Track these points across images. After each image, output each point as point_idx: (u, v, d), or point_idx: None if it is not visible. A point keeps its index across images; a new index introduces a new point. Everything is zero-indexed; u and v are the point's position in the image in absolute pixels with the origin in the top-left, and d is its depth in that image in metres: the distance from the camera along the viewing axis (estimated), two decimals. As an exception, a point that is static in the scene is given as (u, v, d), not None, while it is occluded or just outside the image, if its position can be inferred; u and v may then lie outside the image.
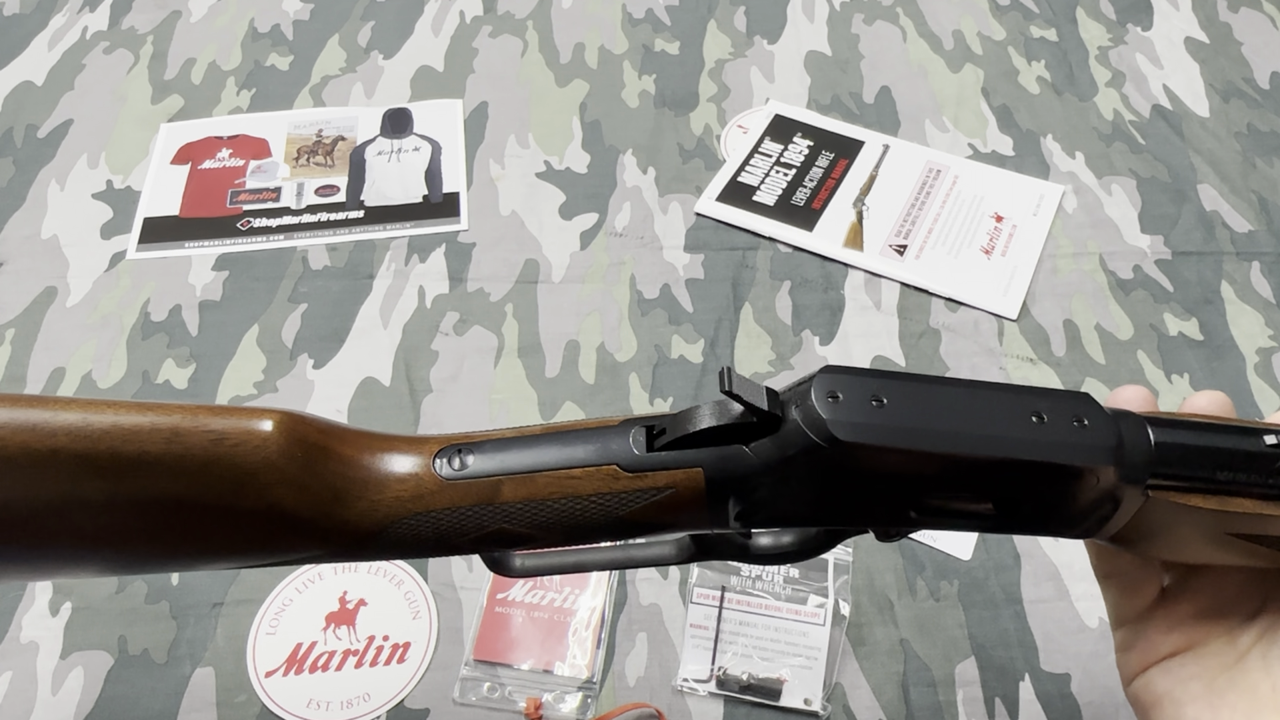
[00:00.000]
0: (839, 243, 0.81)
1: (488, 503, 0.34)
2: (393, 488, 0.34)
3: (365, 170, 0.87)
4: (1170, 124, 0.90)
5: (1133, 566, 0.39)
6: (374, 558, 0.35)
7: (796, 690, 0.58)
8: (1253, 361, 0.74)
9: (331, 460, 0.33)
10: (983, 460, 0.32)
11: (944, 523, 0.35)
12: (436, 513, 0.34)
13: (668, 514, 0.35)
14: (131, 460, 0.31)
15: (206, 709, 0.58)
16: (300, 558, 0.34)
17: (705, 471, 0.34)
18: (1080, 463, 0.32)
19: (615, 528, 0.35)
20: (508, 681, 0.58)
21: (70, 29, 0.99)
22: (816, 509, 0.35)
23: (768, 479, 0.33)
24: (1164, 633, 0.38)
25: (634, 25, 0.99)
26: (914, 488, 0.34)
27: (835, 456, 0.32)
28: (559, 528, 0.35)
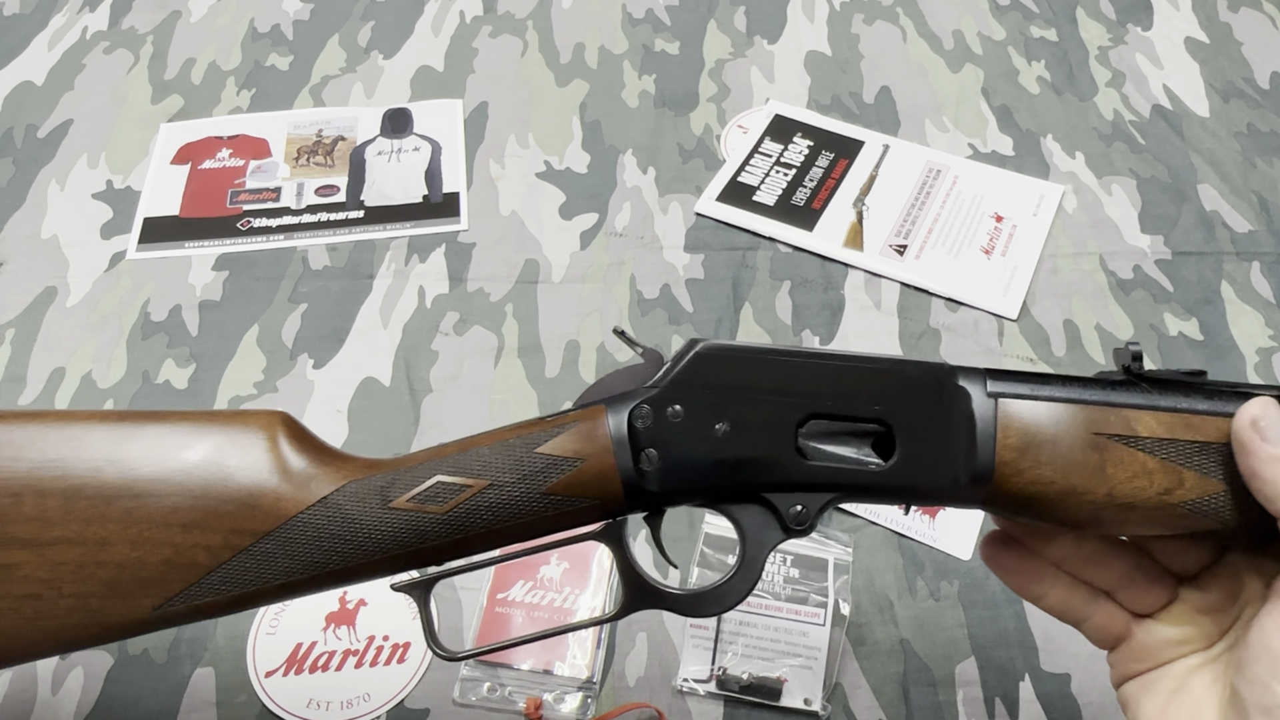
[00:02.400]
0: (839, 243, 0.81)
1: (403, 469, 0.39)
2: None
3: (365, 170, 0.87)
4: (1170, 124, 0.90)
5: (1089, 610, 0.42)
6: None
7: (796, 690, 0.58)
8: (1253, 361, 0.74)
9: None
10: (844, 370, 0.38)
11: (834, 462, 0.38)
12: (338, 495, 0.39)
13: (577, 456, 0.38)
14: None
15: (206, 709, 0.58)
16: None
17: (606, 407, 0.39)
18: (928, 368, 0.38)
19: (534, 502, 0.38)
20: (508, 681, 0.58)
21: (70, 29, 0.99)
22: (710, 452, 0.38)
23: (656, 404, 0.38)
24: (1135, 659, 0.41)
25: (634, 25, 0.99)
26: (791, 406, 0.38)
27: (705, 362, 0.38)
28: (477, 512, 0.38)
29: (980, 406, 0.38)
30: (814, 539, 0.62)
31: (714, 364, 0.38)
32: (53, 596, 0.39)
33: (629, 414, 0.38)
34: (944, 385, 0.38)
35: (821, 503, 0.39)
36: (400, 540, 0.39)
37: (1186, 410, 0.37)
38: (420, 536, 0.39)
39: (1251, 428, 0.35)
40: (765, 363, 0.38)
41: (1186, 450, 0.37)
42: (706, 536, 0.61)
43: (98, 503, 0.39)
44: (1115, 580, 0.42)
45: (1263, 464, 0.35)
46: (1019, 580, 0.43)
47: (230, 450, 0.40)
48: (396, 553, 0.39)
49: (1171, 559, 0.42)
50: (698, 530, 0.62)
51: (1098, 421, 0.37)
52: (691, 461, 0.38)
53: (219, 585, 0.39)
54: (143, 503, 0.39)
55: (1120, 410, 0.37)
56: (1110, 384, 0.38)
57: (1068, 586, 0.43)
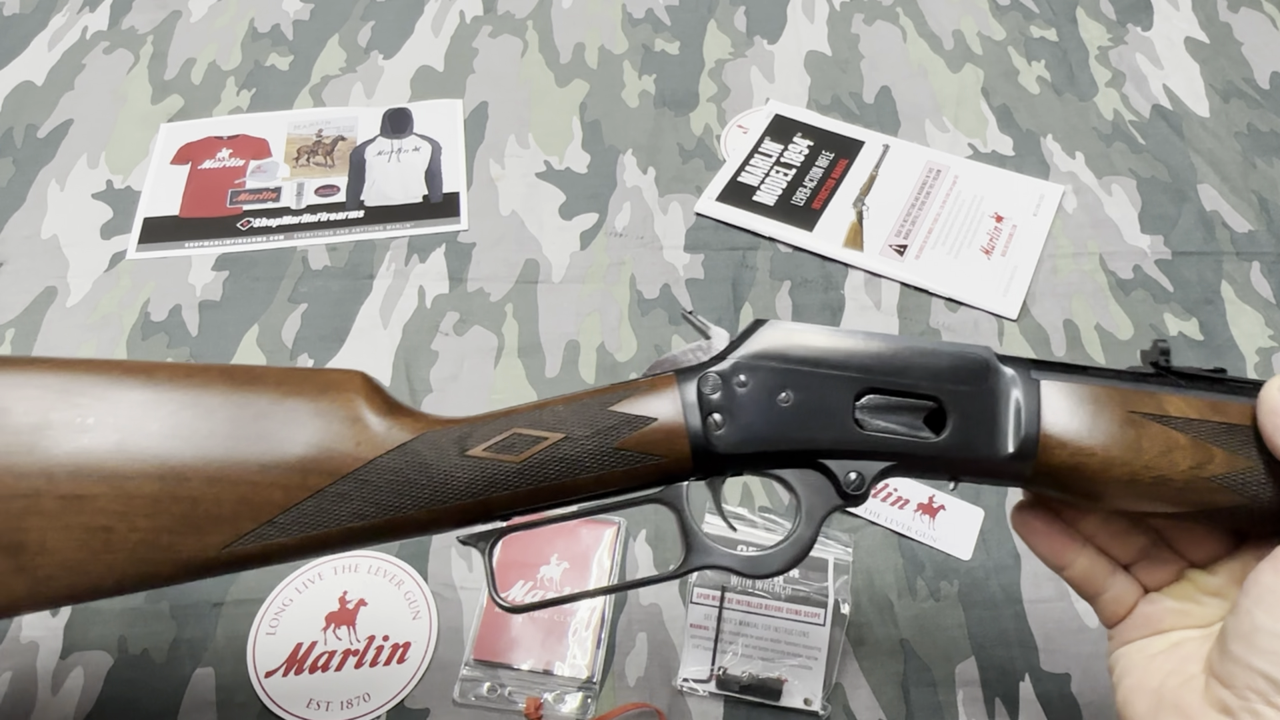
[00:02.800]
0: (839, 243, 0.81)
1: (478, 425, 0.41)
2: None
3: (365, 170, 0.87)
4: (1170, 124, 0.90)
5: (1108, 583, 0.45)
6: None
7: (796, 690, 0.58)
8: (1253, 361, 0.74)
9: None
10: (899, 350, 0.41)
11: (890, 433, 0.40)
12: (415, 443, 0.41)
13: (649, 415, 0.40)
14: None
15: (206, 709, 0.58)
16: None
17: (677, 375, 0.41)
18: (974, 351, 0.41)
19: (605, 457, 0.40)
20: (508, 681, 0.58)
21: (70, 29, 0.99)
22: (774, 419, 0.40)
23: (725, 375, 0.41)
24: (1135, 627, 0.44)
25: (634, 25, 0.99)
26: (850, 380, 0.41)
27: (771, 338, 0.41)
28: (550, 464, 0.40)
29: (1025, 386, 0.41)
30: (814, 539, 0.62)
31: (778, 340, 0.41)
32: (124, 530, 0.39)
33: (699, 381, 0.41)
34: (990, 366, 0.41)
35: (876, 471, 0.41)
36: (473, 488, 0.40)
37: (1208, 394, 0.41)
38: (493, 485, 0.41)
39: (1277, 394, 0.39)
40: (827, 339, 0.41)
41: (1214, 430, 0.40)
42: (707, 536, 0.61)
43: (177, 442, 0.40)
44: (1134, 554, 0.45)
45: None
46: (1049, 546, 0.45)
47: (314, 397, 0.41)
48: (468, 500, 0.41)
49: (1188, 548, 0.45)
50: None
51: (1132, 401, 0.40)
52: (756, 427, 0.41)
53: (290, 526, 0.40)
54: (222, 443, 0.40)
55: (1153, 393, 0.41)
56: (1141, 375, 0.42)
57: (1092, 558, 0.45)
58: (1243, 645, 0.38)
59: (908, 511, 0.65)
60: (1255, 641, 0.37)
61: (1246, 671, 0.37)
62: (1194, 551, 0.45)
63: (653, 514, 0.65)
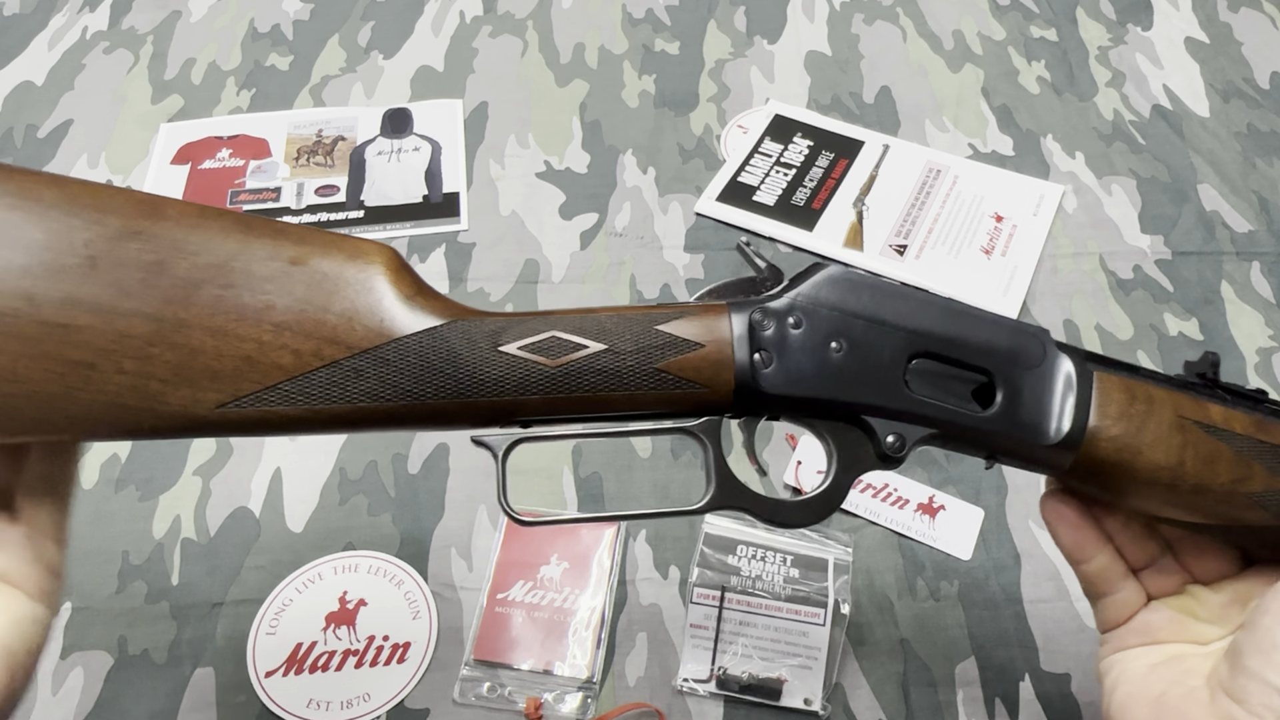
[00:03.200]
0: (839, 243, 0.81)
1: (534, 317, 0.39)
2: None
3: (365, 170, 0.87)
4: (1170, 124, 0.90)
5: (1119, 585, 0.45)
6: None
7: (796, 690, 0.58)
8: (1253, 361, 0.74)
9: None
10: (960, 317, 0.40)
11: (938, 399, 0.39)
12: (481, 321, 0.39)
13: (698, 341, 0.39)
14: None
15: (206, 709, 0.58)
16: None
17: (730, 305, 0.39)
18: (1032, 331, 0.40)
19: (645, 377, 0.38)
20: (508, 681, 0.58)
21: (70, 29, 0.99)
22: (823, 367, 0.39)
23: (778, 313, 0.39)
24: (1133, 633, 0.44)
25: (634, 25, 0.99)
26: (907, 339, 0.39)
27: (831, 283, 0.40)
28: (587, 374, 0.38)
29: (1080, 373, 0.40)
30: (814, 539, 0.62)
31: (839, 287, 0.40)
32: (109, 370, 0.35)
33: (752, 313, 0.39)
34: (1048, 351, 0.40)
35: (918, 436, 0.40)
36: (501, 386, 0.38)
37: (1252, 411, 0.41)
38: (522, 387, 0.38)
39: None
40: (889, 295, 0.40)
41: (1258, 447, 0.40)
42: (706, 536, 0.61)
43: (184, 285, 0.36)
44: (1146, 559, 0.45)
45: None
46: (1075, 538, 0.45)
47: (343, 264, 0.38)
48: (493, 399, 0.38)
49: (1194, 562, 0.45)
50: (698, 530, 0.62)
51: (1183, 406, 0.40)
52: (804, 371, 0.39)
53: (295, 395, 0.37)
54: (235, 293, 0.37)
55: (1203, 402, 0.40)
56: (1189, 383, 0.42)
57: (1111, 556, 0.45)
58: (1261, 660, 0.37)
59: (908, 511, 0.65)
60: (1275, 658, 0.37)
61: (1263, 688, 0.37)
62: (1200, 567, 0.45)
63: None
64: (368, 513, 0.65)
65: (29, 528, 0.38)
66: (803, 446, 0.67)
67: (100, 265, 0.36)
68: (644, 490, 0.66)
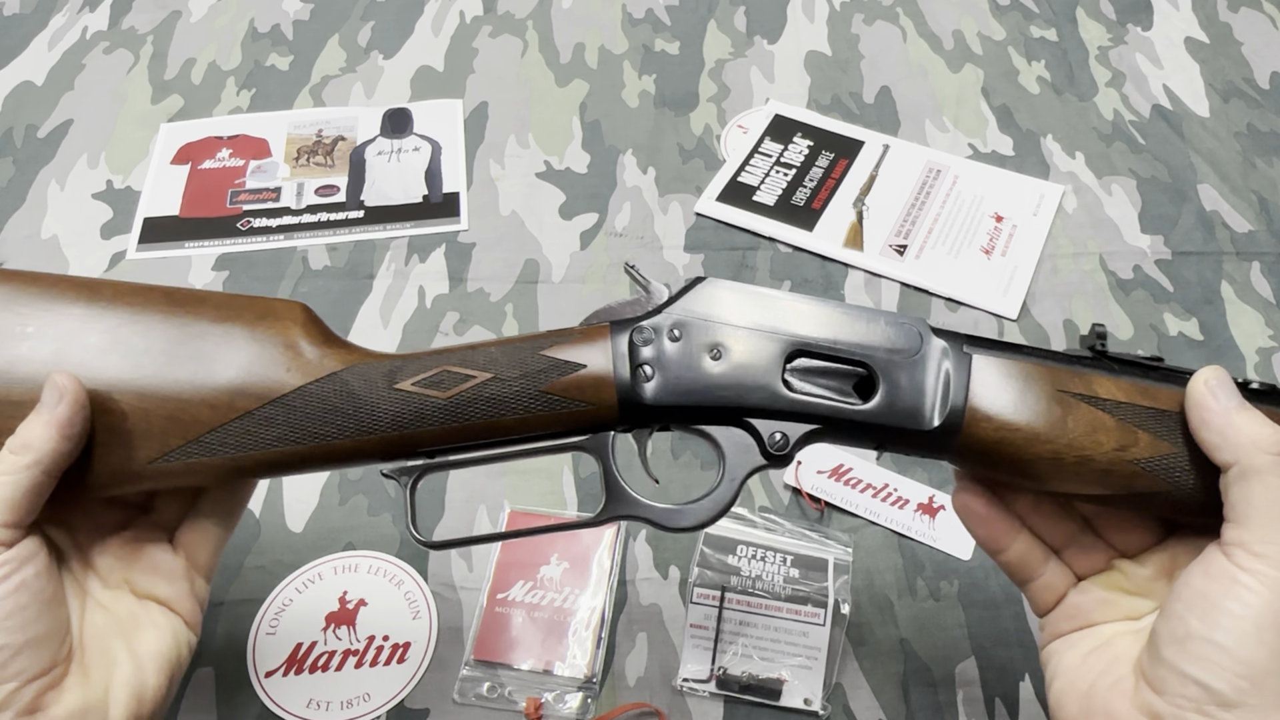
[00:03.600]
0: (839, 243, 0.81)
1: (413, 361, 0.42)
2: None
3: (365, 170, 0.87)
4: (1170, 124, 0.90)
5: (1042, 568, 0.45)
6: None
7: (796, 690, 0.58)
8: (1253, 361, 0.74)
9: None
10: (833, 315, 0.42)
11: (817, 397, 0.41)
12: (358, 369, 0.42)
13: (579, 362, 0.41)
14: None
15: (206, 709, 0.58)
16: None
17: (611, 325, 0.42)
18: (908, 321, 0.42)
19: (532, 399, 0.41)
20: (508, 681, 0.58)
21: (70, 29, 0.99)
22: (703, 375, 0.41)
23: (658, 327, 0.42)
24: (1066, 618, 0.45)
25: (634, 25, 0.99)
26: (783, 340, 0.41)
27: (708, 294, 0.42)
28: (477, 402, 0.41)
29: (956, 359, 0.41)
30: (814, 539, 0.62)
31: (715, 298, 0.42)
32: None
33: (631, 332, 0.42)
34: (924, 339, 0.42)
35: (801, 433, 0.41)
36: (399, 420, 0.41)
37: (1140, 379, 0.41)
38: (419, 419, 0.41)
39: (1205, 386, 0.40)
40: (763, 300, 0.42)
41: (1142, 414, 0.41)
42: (706, 536, 0.61)
43: (113, 356, 0.41)
44: (1063, 538, 0.45)
45: (1213, 415, 0.39)
46: (988, 530, 0.45)
47: (252, 323, 0.42)
48: (392, 433, 0.41)
49: (1116, 537, 0.45)
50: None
51: (1062, 380, 0.41)
52: (685, 381, 0.41)
53: (216, 445, 0.41)
54: (156, 360, 0.41)
55: (1083, 374, 0.41)
56: (1076, 357, 0.42)
57: (1027, 542, 0.45)
58: (1175, 650, 0.37)
59: (908, 511, 0.65)
60: (1189, 648, 0.37)
61: (1180, 679, 0.37)
62: (1122, 541, 0.45)
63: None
64: (368, 513, 0.65)
65: (187, 563, 0.45)
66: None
67: (35, 342, 0.41)
68: (643, 490, 0.66)
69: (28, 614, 0.38)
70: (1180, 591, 0.39)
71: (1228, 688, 0.36)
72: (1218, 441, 0.39)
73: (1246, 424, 0.38)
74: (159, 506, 0.46)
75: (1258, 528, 0.37)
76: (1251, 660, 0.36)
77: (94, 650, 0.41)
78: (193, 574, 0.45)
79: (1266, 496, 0.37)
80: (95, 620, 0.42)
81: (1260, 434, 0.38)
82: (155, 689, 0.41)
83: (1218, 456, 0.39)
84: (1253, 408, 0.39)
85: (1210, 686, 0.36)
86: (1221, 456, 0.38)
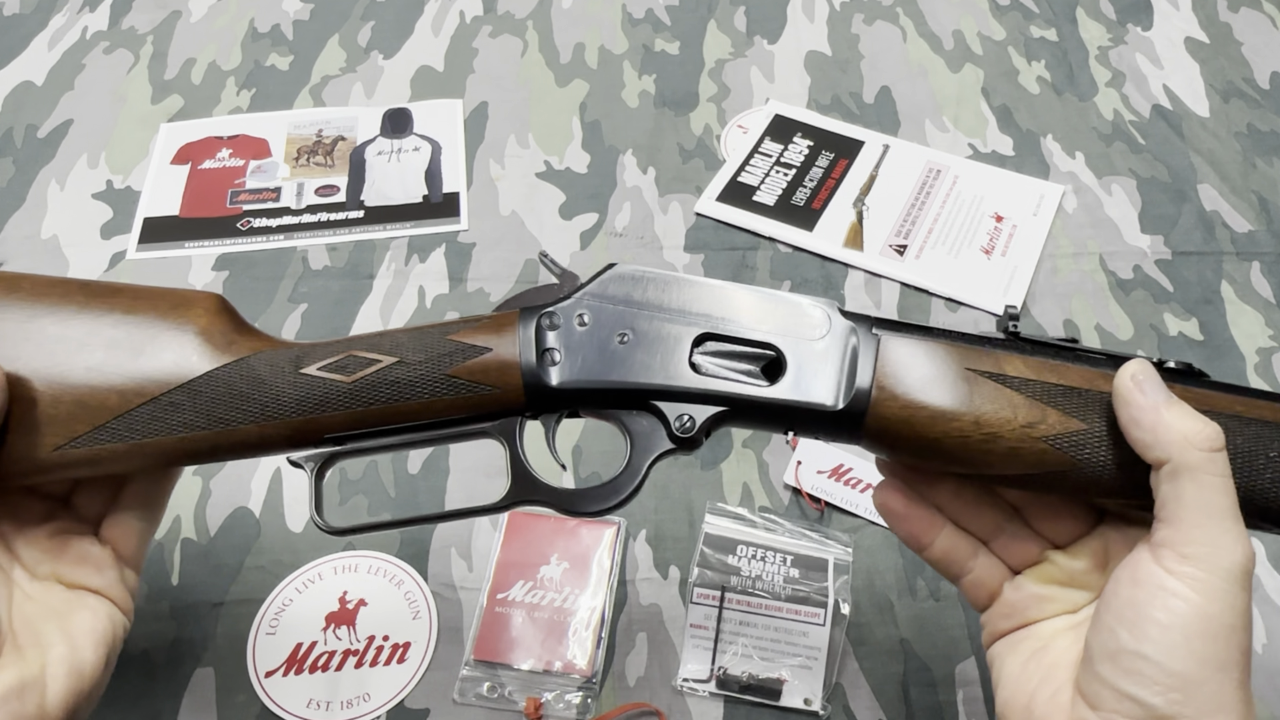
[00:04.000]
0: (839, 243, 0.81)
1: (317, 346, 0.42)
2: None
3: (365, 170, 0.87)
4: (1170, 124, 0.90)
5: (970, 562, 0.45)
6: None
7: (796, 690, 0.58)
8: (1253, 361, 0.74)
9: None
10: (740, 299, 0.42)
11: (725, 379, 0.41)
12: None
13: (485, 346, 0.41)
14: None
15: (206, 709, 0.58)
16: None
17: (520, 311, 0.43)
18: (816, 304, 0.42)
19: (437, 383, 0.41)
20: (508, 681, 0.58)
21: (70, 29, 0.99)
22: (609, 358, 0.41)
23: (566, 312, 0.42)
24: (1004, 616, 0.44)
25: (634, 25, 0.99)
26: (690, 323, 0.42)
27: (617, 280, 0.43)
28: (381, 386, 0.41)
29: (864, 341, 0.41)
30: (814, 539, 0.62)
31: (625, 283, 0.43)
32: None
33: (539, 317, 0.42)
34: (833, 320, 0.42)
35: (707, 415, 0.41)
36: (303, 405, 0.41)
37: (1052, 359, 0.41)
38: (323, 404, 0.41)
39: (1131, 381, 0.39)
40: (672, 285, 0.43)
41: (1051, 391, 0.40)
42: (706, 536, 0.61)
43: (27, 345, 0.42)
44: (990, 528, 0.45)
45: (1142, 412, 0.38)
46: (908, 527, 0.45)
47: (164, 313, 0.43)
48: (297, 418, 0.41)
49: (1045, 526, 0.44)
50: (698, 530, 0.62)
51: (970, 359, 0.41)
52: (591, 364, 0.42)
53: (123, 431, 0.41)
54: (68, 348, 0.42)
55: (993, 353, 0.41)
56: (989, 338, 0.42)
57: (952, 535, 0.45)
58: (1108, 666, 0.37)
59: (908, 511, 0.65)
60: (1120, 663, 0.37)
61: (1114, 695, 0.37)
62: (1052, 530, 0.44)
63: (653, 514, 0.65)
64: (368, 513, 0.65)
65: (115, 552, 0.45)
66: (803, 447, 0.67)
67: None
68: (644, 490, 0.66)
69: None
70: (1110, 600, 0.38)
71: (1162, 702, 0.36)
72: (1149, 440, 0.38)
73: (1177, 420, 0.37)
74: (80, 500, 0.46)
75: (1187, 528, 0.37)
76: (1183, 672, 0.35)
77: (26, 634, 0.41)
78: (120, 565, 0.45)
79: (1198, 495, 0.37)
80: (25, 610, 0.42)
81: (1191, 430, 0.37)
82: (93, 664, 0.42)
83: (1150, 455, 0.38)
84: (1180, 401, 0.38)
85: (1144, 701, 0.36)
86: (1154, 455, 0.38)
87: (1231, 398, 0.40)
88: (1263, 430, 0.40)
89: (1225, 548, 0.36)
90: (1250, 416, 0.40)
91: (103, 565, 0.45)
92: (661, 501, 0.66)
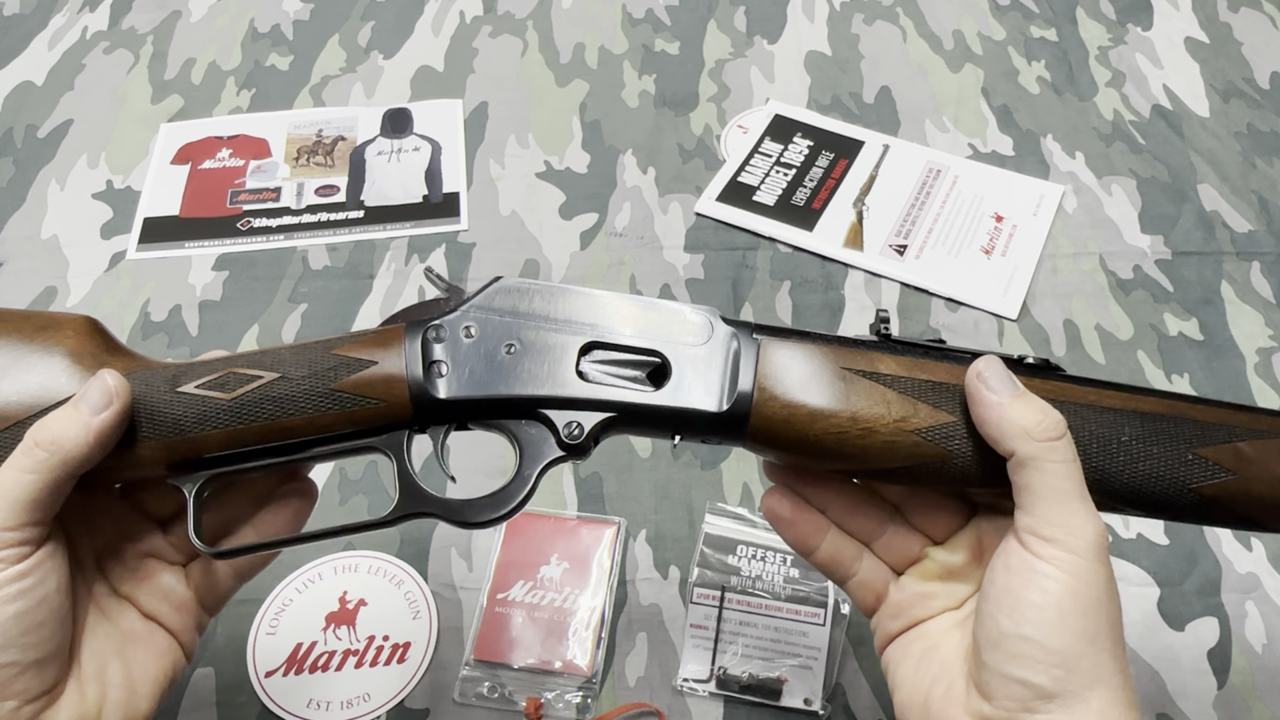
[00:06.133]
0: (839, 243, 0.81)
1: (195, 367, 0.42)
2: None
3: (365, 170, 0.87)
4: (1170, 124, 0.90)
5: (855, 565, 0.46)
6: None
7: (796, 690, 0.58)
8: (1253, 361, 0.74)
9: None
10: (623, 308, 0.43)
11: (610, 386, 0.42)
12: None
13: (369, 359, 0.41)
14: None
15: (206, 709, 0.58)
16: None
17: (406, 324, 0.42)
18: (697, 310, 0.43)
19: (320, 398, 0.41)
20: (508, 681, 0.58)
21: (70, 29, 0.99)
22: (496, 369, 0.42)
23: (453, 324, 0.42)
24: (891, 617, 0.45)
25: (634, 25, 0.99)
26: (575, 333, 0.42)
27: (503, 292, 0.43)
28: (263, 402, 0.41)
29: (745, 346, 0.43)
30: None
31: (511, 295, 0.43)
32: None
33: (425, 330, 0.42)
34: (714, 326, 0.43)
35: (595, 421, 0.42)
36: (180, 424, 0.41)
37: (921, 357, 0.43)
38: (201, 422, 0.41)
39: (978, 379, 0.41)
40: (557, 296, 0.43)
41: (920, 386, 0.42)
42: (706, 537, 0.61)
43: None
44: (873, 528, 0.46)
45: (989, 409, 0.40)
46: (794, 532, 0.46)
47: (30, 336, 0.42)
48: (174, 437, 0.41)
49: (923, 522, 0.46)
50: (698, 530, 0.62)
51: (845, 359, 0.43)
52: (478, 374, 0.42)
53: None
54: None
55: (865, 352, 0.43)
56: (863, 340, 0.44)
57: (837, 538, 0.46)
58: (993, 653, 0.38)
59: (908, 511, 0.65)
60: (1003, 647, 0.38)
61: (1003, 681, 0.38)
62: (930, 525, 0.45)
63: (653, 514, 0.65)
64: (368, 513, 0.65)
65: (197, 594, 0.45)
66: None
67: None
68: (644, 490, 0.66)
69: (43, 632, 0.38)
70: (988, 590, 0.40)
71: (1046, 680, 0.37)
72: (995, 435, 0.40)
73: (1019, 414, 0.39)
74: (175, 530, 0.46)
75: (1043, 512, 0.39)
76: (1061, 648, 0.37)
77: (91, 665, 0.41)
78: (200, 610, 0.45)
79: (1044, 482, 0.39)
80: (98, 632, 0.42)
81: (1031, 421, 0.39)
82: (145, 714, 0.42)
83: (1000, 448, 0.40)
84: (1027, 394, 0.40)
85: (1031, 682, 0.37)
86: (1003, 447, 0.39)
87: (1086, 389, 0.43)
88: (1116, 418, 0.42)
89: (1078, 528, 0.38)
90: (1104, 405, 0.42)
91: (183, 607, 0.45)
92: (661, 502, 0.66)
